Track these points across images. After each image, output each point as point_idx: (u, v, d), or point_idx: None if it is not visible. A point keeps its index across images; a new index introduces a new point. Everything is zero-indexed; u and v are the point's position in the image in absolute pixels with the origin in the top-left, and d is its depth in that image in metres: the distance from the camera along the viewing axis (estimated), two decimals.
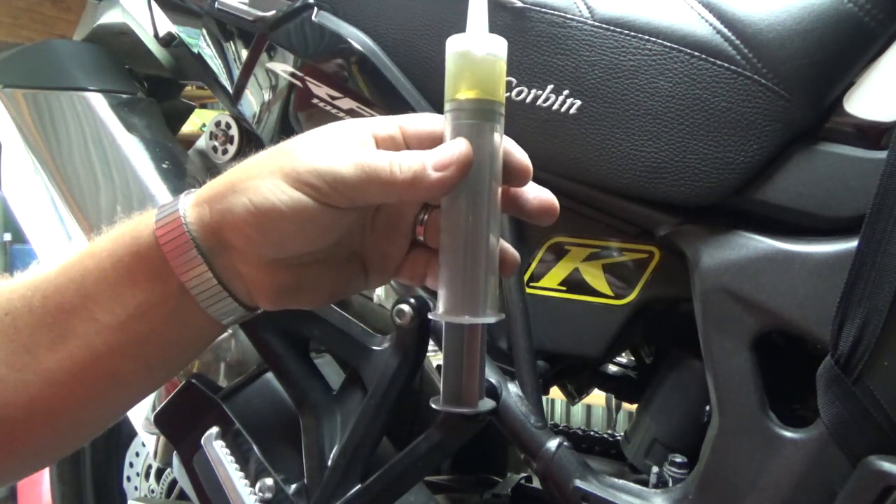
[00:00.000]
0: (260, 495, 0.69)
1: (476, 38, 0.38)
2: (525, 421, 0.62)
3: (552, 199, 0.42)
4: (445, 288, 0.39)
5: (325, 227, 0.39)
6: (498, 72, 0.39)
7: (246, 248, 0.39)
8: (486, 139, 0.38)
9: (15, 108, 0.88)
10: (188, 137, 1.08)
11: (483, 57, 0.38)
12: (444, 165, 0.37)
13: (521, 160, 0.41)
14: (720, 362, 0.56)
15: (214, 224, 0.39)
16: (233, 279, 0.40)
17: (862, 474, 0.49)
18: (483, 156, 0.38)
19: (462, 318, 0.38)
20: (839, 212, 0.54)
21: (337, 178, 0.37)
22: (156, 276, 0.39)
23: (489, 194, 0.38)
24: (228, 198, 0.38)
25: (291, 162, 0.38)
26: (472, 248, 0.38)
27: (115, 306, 0.39)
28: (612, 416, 2.08)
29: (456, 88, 0.38)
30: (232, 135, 0.84)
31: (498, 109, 0.38)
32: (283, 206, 0.37)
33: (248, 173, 0.39)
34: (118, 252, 0.40)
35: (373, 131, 0.40)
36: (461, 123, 0.38)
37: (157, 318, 0.40)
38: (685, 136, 0.56)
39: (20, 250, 3.45)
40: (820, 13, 0.54)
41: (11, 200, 0.91)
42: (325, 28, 0.66)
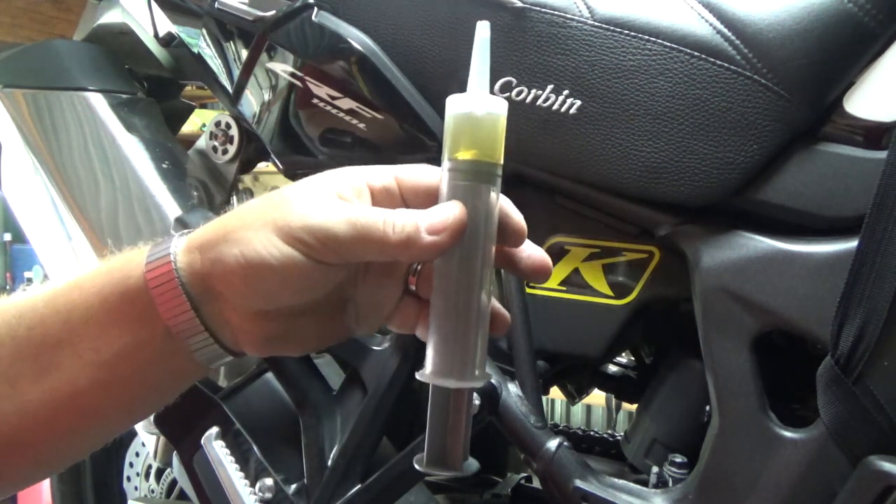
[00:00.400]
0: (260, 495, 0.69)
1: (477, 99, 0.38)
2: (525, 421, 0.62)
3: (546, 259, 0.42)
4: (434, 349, 0.39)
5: (315, 281, 0.38)
6: (498, 133, 0.38)
7: (234, 298, 0.38)
8: (483, 201, 0.38)
9: (15, 108, 0.88)
10: (188, 137, 1.08)
11: (483, 118, 0.38)
12: (439, 230, 0.37)
13: (517, 222, 0.41)
14: (720, 362, 0.56)
15: (204, 272, 0.38)
16: (220, 326, 0.40)
17: (862, 474, 0.49)
18: (478, 218, 0.38)
19: (448, 381, 0.38)
20: (839, 212, 0.54)
21: (329, 235, 0.37)
22: (143, 318, 0.39)
23: (483, 257, 0.38)
24: (220, 247, 0.38)
25: (285, 216, 0.37)
26: (463, 311, 0.38)
27: (100, 344, 0.39)
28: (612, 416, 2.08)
29: (454, 148, 0.38)
30: (232, 135, 0.84)
31: (496, 171, 0.38)
32: (273, 261, 0.37)
33: (242, 223, 0.38)
34: (106, 290, 0.39)
35: (369, 182, 0.40)
36: (458, 184, 0.38)
37: (142, 358, 0.40)
38: (685, 136, 0.56)
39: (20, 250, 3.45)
40: (820, 13, 0.54)
41: (11, 200, 0.91)
42: (325, 28, 0.66)
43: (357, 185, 0.39)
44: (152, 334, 0.39)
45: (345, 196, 0.39)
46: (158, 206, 0.79)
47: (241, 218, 0.39)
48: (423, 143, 0.66)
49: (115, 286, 0.39)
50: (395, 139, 0.68)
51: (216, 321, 0.39)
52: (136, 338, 0.39)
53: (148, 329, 0.39)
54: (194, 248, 0.39)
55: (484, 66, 0.40)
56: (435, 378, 0.38)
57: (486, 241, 0.38)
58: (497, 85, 0.62)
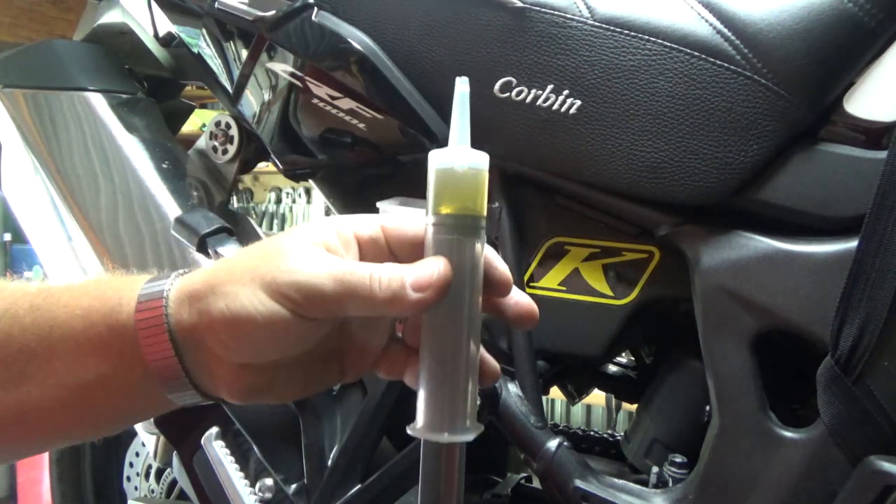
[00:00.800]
0: (260, 495, 0.69)
1: (457, 154, 0.39)
2: (525, 421, 0.62)
3: (532, 306, 0.42)
4: (424, 402, 0.39)
5: (300, 337, 0.39)
6: (479, 186, 0.39)
7: (219, 350, 0.38)
8: (467, 255, 0.38)
9: (15, 108, 0.88)
10: (188, 137, 1.08)
11: (464, 173, 0.39)
12: (424, 286, 0.37)
13: (502, 273, 0.41)
14: (720, 362, 0.56)
15: (192, 322, 0.38)
16: (202, 374, 0.40)
17: (862, 474, 0.49)
18: (464, 271, 0.38)
19: (441, 436, 0.38)
20: (839, 212, 0.54)
21: (316, 292, 0.37)
22: (125, 353, 0.39)
23: (469, 309, 0.39)
24: (208, 298, 0.38)
25: (272, 271, 0.37)
26: (451, 365, 0.38)
27: (77, 369, 0.39)
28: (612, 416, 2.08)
29: (438, 203, 0.39)
30: (232, 135, 0.84)
31: (479, 224, 0.39)
32: (258, 317, 0.37)
33: (230, 276, 0.38)
34: (93, 317, 0.39)
35: (356, 232, 0.40)
36: (442, 239, 0.38)
37: (116, 390, 0.40)
38: (685, 136, 0.56)
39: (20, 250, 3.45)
40: (820, 13, 0.54)
41: (11, 200, 0.91)
42: (325, 28, 0.66)
43: (345, 236, 0.40)
44: (131, 370, 0.39)
45: (333, 248, 0.39)
46: (158, 206, 0.79)
47: (230, 270, 0.39)
48: (422, 144, 0.66)
49: (104, 316, 0.39)
50: (395, 139, 0.68)
51: (198, 370, 0.39)
52: (115, 370, 0.39)
53: (128, 364, 0.39)
54: (184, 296, 0.39)
55: (465, 120, 0.40)
56: (426, 433, 0.38)
57: (472, 293, 0.39)
58: (497, 85, 0.62)
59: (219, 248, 0.69)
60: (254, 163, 0.88)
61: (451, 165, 0.39)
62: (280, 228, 3.24)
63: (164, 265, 0.78)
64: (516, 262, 0.66)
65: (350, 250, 0.40)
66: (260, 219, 3.29)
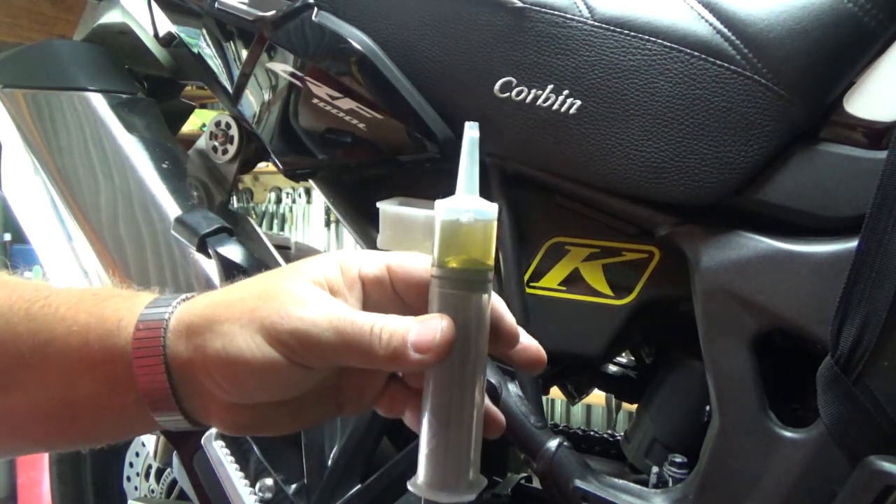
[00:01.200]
0: (260, 495, 0.69)
1: (466, 205, 0.37)
2: (525, 421, 0.62)
3: (540, 352, 0.41)
4: (425, 459, 0.38)
5: (295, 383, 0.38)
6: (488, 238, 0.37)
7: (212, 388, 0.38)
8: (474, 309, 0.37)
9: (15, 108, 0.88)
10: (188, 137, 1.08)
11: (472, 225, 0.37)
12: (425, 349, 0.36)
13: (510, 326, 0.39)
14: (720, 362, 0.56)
15: (187, 356, 0.38)
16: (194, 406, 0.39)
17: (862, 474, 0.49)
18: (469, 326, 0.37)
19: (440, 495, 0.37)
20: (839, 212, 0.54)
21: (314, 342, 0.36)
22: (119, 378, 0.38)
23: (474, 365, 0.37)
24: (205, 335, 0.37)
25: (271, 315, 0.36)
26: (454, 423, 0.37)
27: (69, 385, 0.39)
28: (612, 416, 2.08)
29: (444, 255, 0.37)
30: (232, 135, 0.84)
31: (487, 277, 0.37)
32: (254, 361, 0.36)
33: (229, 313, 0.37)
34: (90, 336, 0.39)
35: (361, 270, 0.39)
36: (447, 293, 0.37)
37: (107, 410, 0.39)
38: (685, 136, 0.56)
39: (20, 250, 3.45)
40: (820, 13, 0.54)
41: (11, 200, 0.91)
42: (325, 28, 0.66)
43: (350, 275, 0.39)
44: (124, 395, 0.38)
45: (336, 288, 0.38)
46: (158, 206, 0.79)
47: (229, 307, 0.38)
48: (423, 144, 0.66)
49: (100, 337, 0.39)
50: (395, 139, 0.68)
51: (191, 402, 0.39)
52: (107, 393, 0.39)
53: (121, 389, 0.38)
54: (183, 328, 0.38)
55: (473, 168, 0.37)
56: (427, 492, 0.38)
57: (478, 348, 0.37)
58: (497, 85, 0.62)
59: (219, 248, 0.69)
60: (254, 163, 0.88)
61: (458, 217, 0.37)
62: (280, 228, 3.24)
63: (164, 265, 0.78)
64: (516, 262, 0.66)
65: (354, 290, 0.39)
66: (260, 219, 3.29)
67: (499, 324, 0.39)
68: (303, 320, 0.36)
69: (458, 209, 0.37)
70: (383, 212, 0.69)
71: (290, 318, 0.36)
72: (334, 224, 3.17)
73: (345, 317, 0.36)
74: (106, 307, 0.40)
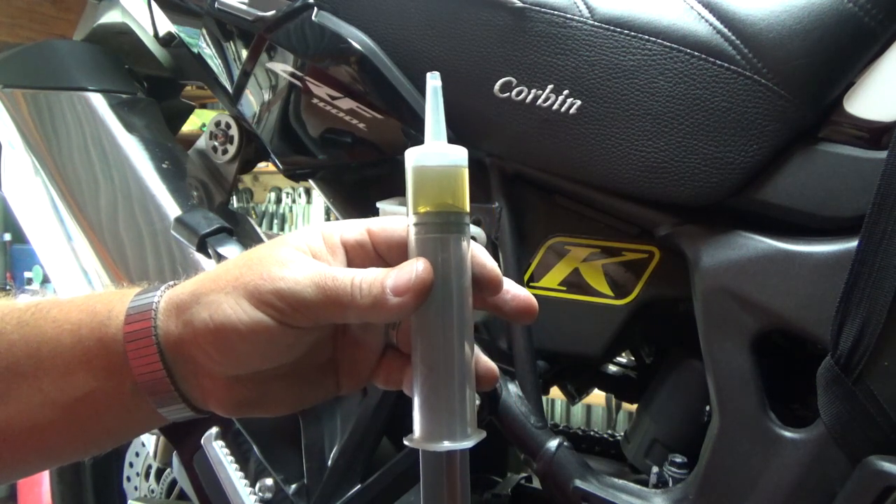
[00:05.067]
0: (260, 495, 0.69)
1: (434, 150, 0.37)
2: (525, 421, 0.62)
3: (530, 299, 0.41)
4: (419, 412, 0.37)
5: (286, 345, 0.38)
6: (458, 181, 0.37)
7: (206, 362, 0.38)
8: (452, 252, 0.37)
9: (15, 108, 0.88)
10: (188, 137, 1.08)
11: (441, 169, 0.37)
12: (403, 291, 0.36)
13: (491, 271, 0.39)
14: (720, 362, 0.56)
15: (178, 334, 0.38)
16: (191, 388, 0.39)
17: (862, 474, 0.49)
18: (449, 270, 0.37)
19: (440, 444, 0.36)
20: (839, 212, 0.54)
21: (298, 299, 0.36)
22: (114, 368, 0.38)
23: (459, 308, 0.37)
24: (192, 309, 0.37)
25: (255, 280, 0.37)
26: (443, 368, 0.37)
27: (65, 385, 0.38)
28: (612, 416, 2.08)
29: (417, 202, 0.37)
30: (232, 135, 0.84)
31: (463, 220, 0.37)
32: (241, 326, 0.36)
33: (215, 285, 0.38)
34: (82, 332, 0.39)
35: (342, 236, 0.39)
36: (424, 238, 0.37)
37: (105, 405, 0.39)
38: (685, 136, 0.56)
39: (20, 250, 3.45)
40: (820, 13, 0.54)
41: (11, 200, 0.91)
42: (325, 28, 0.66)
43: (332, 241, 0.39)
44: (120, 385, 0.38)
45: (319, 253, 0.38)
46: (158, 206, 0.79)
47: (214, 279, 0.38)
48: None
49: (93, 329, 0.39)
50: (395, 139, 0.68)
51: (188, 383, 0.39)
52: (104, 386, 0.38)
53: (117, 379, 0.38)
54: (172, 307, 0.38)
55: (439, 115, 0.38)
56: (423, 443, 0.37)
57: (461, 292, 0.37)
58: (497, 85, 0.62)
59: (219, 248, 0.69)
60: (254, 163, 0.88)
61: (427, 162, 0.37)
62: (280, 228, 3.25)
63: (165, 265, 0.78)
64: (516, 261, 0.66)
65: (337, 256, 0.39)
66: (260, 219, 3.29)
67: (480, 269, 0.39)
68: (285, 280, 0.36)
69: (426, 154, 0.37)
70: (383, 212, 0.69)
71: (272, 279, 0.36)
72: None
73: (325, 273, 0.37)
74: (96, 303, 0.40)
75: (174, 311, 0.38)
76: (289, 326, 0.37)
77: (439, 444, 0.36)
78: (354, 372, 0.42)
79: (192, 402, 0.39)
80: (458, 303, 0.37)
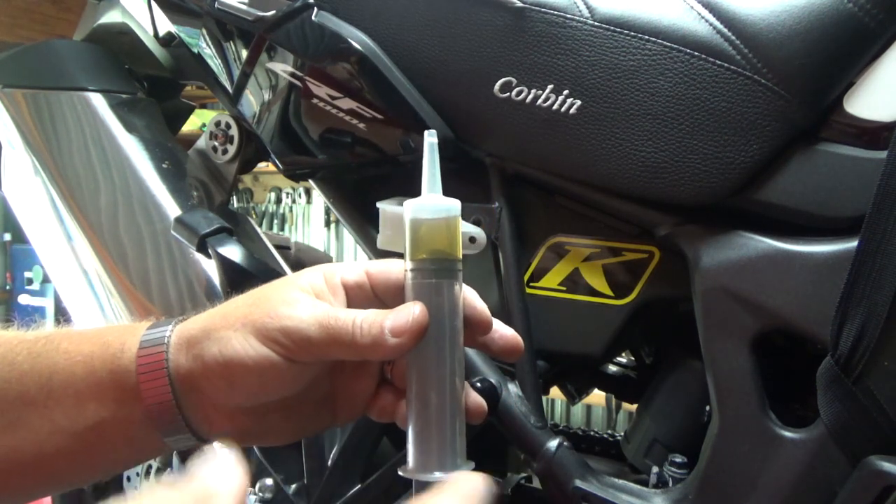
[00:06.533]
0: (260, 495, 0.69)
1: (429, 203, 0.41)
2: (525, 421, 0.62)
3: (516, 339, 0.44)
4: (413, 444, 0.40)
5: (290, 379, 0.40)
6: (452, 231, 0.41)
7: (215, 395, 0.40)
8: (445, 296, 0.40)
9: (15, 108, 0.88)
10: (188, 137, 1.08)
11: (436, 220, 0.40)
12: (400, 332, 0.39)
13: (482, 313, 0.42)
14: (720, 362, 0.56)
15: (188, 368, 0.40)
16: (198, 419, 0.41)
17: (862, 474, 0.49)
18: (442, 313, 0.40)
19: (432, 475, 0.39)
20: (839, 212, 0.54)
21: (303, 337, 0.39)
22: (125, 398, 0.40)
23: (452, 348, 0.40)
24: (203, 344, 0.40)
25: (262, 318, 0.39)
26: (437, 405, 0.40)
27: (76, 415, 0.40)
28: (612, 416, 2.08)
29: (414, 250, 0.40)
30: (232, 135, 0.84)
31: (455, 266, 0.41)
32: (249, 361, 0.38)
33: (224, 321, 0.40)
34: (94, 363, 0.40)
35: (343, 277, 0.42)
36: (420, 283, 0.40)
37: (114, 435, 0.41)
38: (685, 136, 0.56)
39: (20, 250, 3.45)
40: (820, 13, 0.54)
41: (11, 200, 0.91)
42: (325, 28, 0.66)
43: (333, 283, 0.42)
44: (130, 415, 0.40)
45: (321, 293, 0.41)
46: (158, 206, 0.79)
47: (224, 317, 0.41)
48: (422, 144, 0.66)
49: (105, 361, 0.40)
50: (395, 139, 0.68)
51: (195, 414, 0.41)
52: (113, 415, 0.40)
53: (127, 410, 0.40)
54: (183, 341, 0.40)
55: (435, 170, 0.42)
56: (417, 473, 0.40)
57: (452, 333, 0.40)
58: (497, 85, 0.62)
59: (219, 248, 0.69)
60: (254, 163, 0.88)
61: (423, 215, 0.40)
62: (280, 228, 3.25)
63: (165, 265, 0.78)
64: (516, 261, 0.66)
65: (338, 296, 0.42)
66: (260, 219, 3.29)
67: (472, 311, 0.42)
68: (291, 318, 0.39)
69: (423, 207, 0.41)
70: (383, 212, 0.69)
71: (279, 317, 0.39)
72: (334, 224, 3.17)
73: (328, 313, 0.39)
74: (108, 335, 0.42)
75: (185, 346, 0.40)
76: (293, 362, 0.39)
77: (431, 474, 0.40)
78: (350, 405, 0.45)
79: (197, 431, 0.41)
80: (450, 343, 0.40)
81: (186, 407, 0.40)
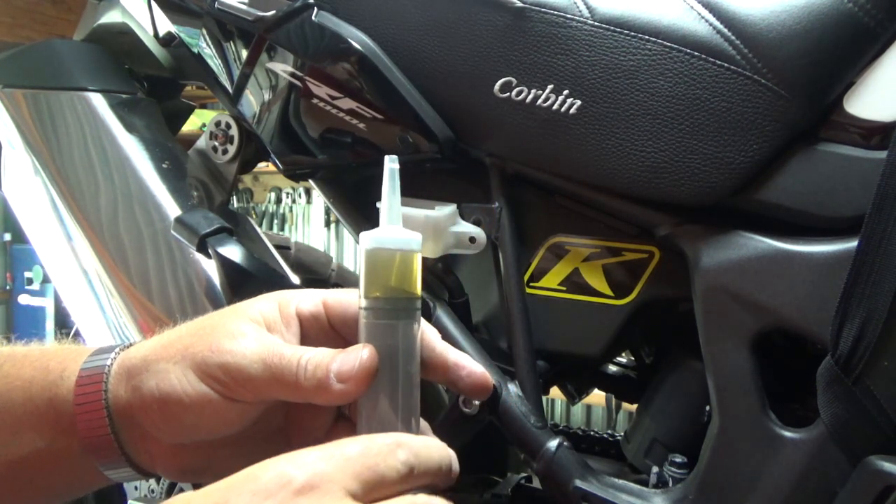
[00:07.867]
0: None
1: (387, 235, 0.37)
2: (525, 421, 0.62)
3: (485, 378, 0.41)
4: None
5: (232, 418, 0.38)
6: (411, 266, 0.37)
7: (152, 430, 0.38)
8: (401, 338, 0.37)
9: (15, 108, 0.88)
10: (188, 137, 1.08)
11: (394, 255, 0.37)
12: (347, 377, 0.36)
13: (440, 355, 0.40)
14: (720, 362, 0.56)
15: (126, 401, 0.38)
16: (138, 451, 0.39)
17: (862, 474, 0.49)
18: (396, 356, 0.37)
19: None
20: (839, 212, 0.54)
21: (244, 375, 0.36)
22: (62, 428, 0.38)
23: (405, 394, 0.37)
24: (142, 376, 0.37)
25: (203, 351, 0.37)
26: None
27: (12, 442, 0.38)
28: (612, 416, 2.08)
29: (369, 287, 0.37)
30: (232, 135, 0.84)
31: (413, 305, 0.37)
32: (186, 399, 0.36)
33: (165, 352, 0.38)
34: (33, 390, 0.38)
35: (298, 307, 0.39)
36: (373, 323, 0.37)
37: (51, 465, 0.39)
38: (685, 136, 0.56)
39: (20, 250, 3.45)
40: (820, 13, 0.54)
41: (11, 200, 0.91)
42: (325, 28, 0.66)
43: (287, 312, 0.39)
44: (68, 445, 0.38)
45: (273, 325, 0.38)
46: (158, 206, 0.79)
47: (165, 347, 0.38)
48: (423, 144, 0.66)
49: (45, 389, 0.38)
50: (395, 139, 0.68)
51: (135, 447, 0.39)
52: (50, 444, 0.38)
53: (65, 440, 0.38)
54: (123, 371, 0.38)
55: (395, 199, 0.39)
56: None
57: (407, 378, 0.37)
58: (497, 85, 0.62)
59: (219, 248, 0.69)
60: (254, 163, 0.88)
61: (380, 246, 0.37)
62: (280, 228, 3.25)
63: (164, 265, 0.78)
64: (516, 261, 0.66)
65: (291, 327, 0.39)
66: (260, 219, 3.29)
67: (430, 354, 0.39)
68: (233, 353, 0.36)
69: (379, 239, 0.37)
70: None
71: (220, 351, 0.36)
72: (334, 224, 3.17)
73: (274, 350, 0.36)
74: (51, 360, 0.40)
75: (125, 376, 0.38)
76: (233, 401, 0.37)
77: None
78: (305, 441, 0.42)
79: (138, 465, 0.39)
80: (403, 389, 0.37)
81: (126, 441, 0.38)
